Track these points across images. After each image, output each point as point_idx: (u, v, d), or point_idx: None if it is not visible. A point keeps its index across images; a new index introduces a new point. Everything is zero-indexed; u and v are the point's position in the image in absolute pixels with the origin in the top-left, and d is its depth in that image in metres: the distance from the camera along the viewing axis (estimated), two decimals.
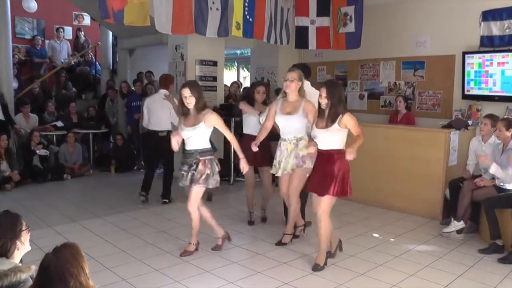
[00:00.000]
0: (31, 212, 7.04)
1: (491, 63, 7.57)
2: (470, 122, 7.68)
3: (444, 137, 7.07)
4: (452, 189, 6.60)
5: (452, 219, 6.25)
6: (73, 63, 14.87)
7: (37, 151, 9.65)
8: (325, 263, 5.08)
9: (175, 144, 5.34)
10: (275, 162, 5.69)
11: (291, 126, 5.53)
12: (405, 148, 7.39)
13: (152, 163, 8.14)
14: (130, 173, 10.60)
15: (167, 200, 7.86)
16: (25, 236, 2.89)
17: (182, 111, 5.30)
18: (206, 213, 5.57)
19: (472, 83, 7.87)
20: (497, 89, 7.56)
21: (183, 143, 5.42)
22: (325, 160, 4.94)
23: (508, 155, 5.89)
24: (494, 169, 5.87)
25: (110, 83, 13.11)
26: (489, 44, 7.70)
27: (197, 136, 5.20)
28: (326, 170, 4.89)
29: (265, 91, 6.93)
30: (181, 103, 5.23)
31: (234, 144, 5.39)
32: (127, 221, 6.81)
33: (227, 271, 5.01)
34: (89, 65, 15.11)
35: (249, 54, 12.42)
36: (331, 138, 4.88)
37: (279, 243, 5.82)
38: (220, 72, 9.90)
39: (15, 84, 12.04)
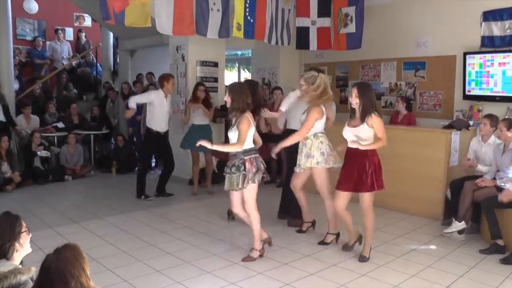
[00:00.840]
0: (32, 213, 7.05)
1: (492, 64, 7.57)
2: (471, 123, 7.66)
3: (445, 138, 7.06)
4: (453, 189, 6.57)
5: (453, 219, 6.24)
6: (74, 64, 14.87)
7: (38, 153, 9.65)
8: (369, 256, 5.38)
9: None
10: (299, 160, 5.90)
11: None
12: (406, 149, 7.38)
13: (149, 164, 8.24)
14: (131, 174, 10.52)
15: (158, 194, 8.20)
16: (25, 238, 2.89)
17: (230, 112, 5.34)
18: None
19: (473, 84, 7.87)
20: (498, 90, 7.56)
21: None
22: (355, 157, 5.16)
23: (510, 156, 5.90)
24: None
25: (108, 85, 13.08)
26: (490, 45, 7.70)
27: (236, 137, 5.17)
28: (357, 167, 5.13)
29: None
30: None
31: (230, 147, 5.26)
32: (128, 222, 6.81)
33: (228, 272, 5.00)
34: (90, 66, 15.13)
35: (250, 55, 12.42)
36: (360, 137, 5.09)
37: (322, 243, 5.96)
38: (221, 73, 9.89)
39: (16, 86, 12.06)
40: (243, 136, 5.08)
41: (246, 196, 5.23)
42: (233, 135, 5.19)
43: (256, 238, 5.36)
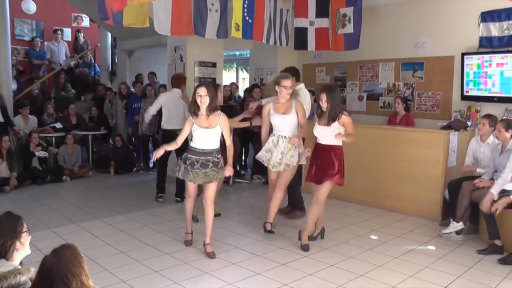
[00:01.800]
0: (30, 214, 7.03)
1: (490, 64, 7.57)
2: (469, 123, 7.68)
3: (443, 138, 7.06)
4: (451, 190, 6.57)
5: (451, 220, 6.25)
6: (72, 65, 14.85)
7: (36, 153, 9.64)
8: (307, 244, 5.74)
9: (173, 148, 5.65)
10: (271, 156, 6.12)
11: (287, 124, 6.06)
12: (404, 149, 7.39)
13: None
14: (129, 174, 10.61)
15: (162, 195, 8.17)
16: (25, 238, 2.90)
17: (193, 110, 5.41)
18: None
19: (471, 84, 7.87)
20: (496, 90, 7.56)
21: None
22: (325, 152, 5.65)
23: (508, 156, 5.90)
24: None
25: (102, 88, 13.03)
26: (488, 45, 7.70)
27: (213, 136, 5.43)
28: (326, 161, 5.61)
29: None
30: (194, 102, 5.36)
31: (230, 151, 5.56)
32: (126, 222, 6.81)
33: (226, 272, 5.01)
34: (88, 67, 15.10)
35: (248, 55, 12.41)
36: (332, 134, 5.54)
37: (268, 231, 6.20)
38: (219, 74, 9.89)
39: (14, 86, 12.03)
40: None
41: (211, 190, 5.58)
42: (214, 133, 5.45)
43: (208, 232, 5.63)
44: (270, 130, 6.26)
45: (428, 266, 5.24)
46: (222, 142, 5.58)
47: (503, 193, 5.70)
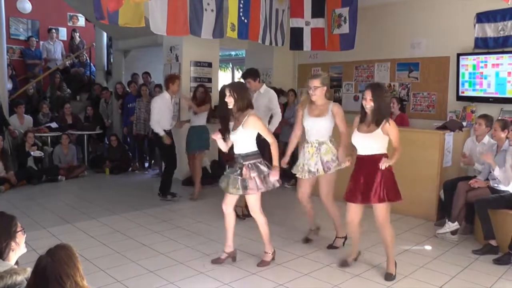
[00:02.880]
0: (25, 213, 7.02)
1: (486, 65, 7.60)
2: (464, 124, 7.70)
3: (438, 139, 7.08)
4: (447, 190, 6.60)
5: (447, 220, 6.27)
6: (67, 64, 14.82)
7: (32, 153, 9.62)
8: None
9: (222, 145, 5.21)
10: (298, 163, 5.68)
11: (317, 128, 5.51)
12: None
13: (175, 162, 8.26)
14: (124, 174, 10.60)
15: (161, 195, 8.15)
16: (20, 238, 2.88)
17: (226, 113, 5.10)
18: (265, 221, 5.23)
19: (466, 85, 7.89)
20: (491, 91, 7.59)
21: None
22: (367, 165, 4.81)
23: (503, 156, 5.92)
24: (498, 171, 5.85)
25: (97, 87, 13.03)
26: (484, 46, 7.72)
27: (240, 139, 5.01)
28: (370, 177, 4.77)
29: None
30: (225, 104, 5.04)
31: (274, 150, 5.03)
32: (121, 222, 6.80)
33: (222, 272, 5.00)
34: (84, 66, 15.08)
35: (243, 55, 12.42)
36: (373, 144, 4.80)
37: (331, 247, 5.86)
38: (215, 74, 9.90)
39: (9, 85, 12.01)
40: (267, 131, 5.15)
41: (249, 202, 5.16)
42: (240, 136, 4.99)
43: (266, 241, 5.25)
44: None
45: (423, 266, 5.25)
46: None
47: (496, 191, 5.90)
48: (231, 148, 5.17)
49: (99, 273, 4.86)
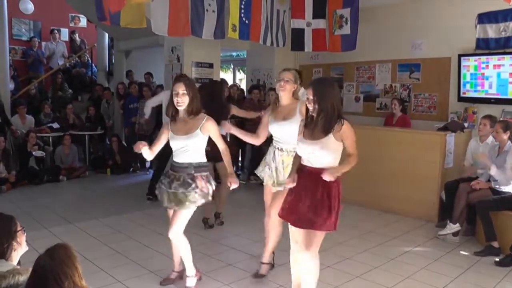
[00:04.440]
0: (27, 213, 7.03)
1: (487, 66, 7.58)
2: (466, 125, 7.69)
3: (440, 140, 7.08)
4: (448, 191, 6.59)
5: (448, 221, 6.27)
6: (68, 65, 14.83)
7: (33, 153, 9.61)
8: None
9: (147, 153, 4.39)
10: (269, 171, 4.80)
11: (287, 134, 4.57)
12: (400, 151, 7.39)
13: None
14: (125, 175, 10.60)
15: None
16: (21, 237, 2.89)
17: (169, 112, 4.44)
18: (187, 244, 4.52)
19: (468, 86, 7.87)
20: (493, 92, 7.57)
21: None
22: (314, 181, 3.72)
23: (504, 157, 5.92)
24: (494, 171, 5.87)
25: (99, 87, 13.02)
26: (485, 47, 7.70)
27: (192, 146, 4.33)
28: (316, 196, 3.72)
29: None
30: (171, 101, 4.37)
31: (226, 156, 4.49)
32: (122, 223, 6.81)
33: (223, 273, 5.00)
34: (85, 67, 15.10)
35: (245, 56, 12.41)
36: (323, 153, 3.71)
37: (256, 275, 4.99)
38: (216, 74, 9.88)
39: (11, 85, 12.04)
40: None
41: (180, 216, 4.37)
42: (193, 142, 4.37)
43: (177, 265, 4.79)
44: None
45: (424, 268, 5.24)
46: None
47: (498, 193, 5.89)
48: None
49: (100, 273, 4.86)
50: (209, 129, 4.35)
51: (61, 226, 6.56)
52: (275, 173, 4.71)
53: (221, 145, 4.46)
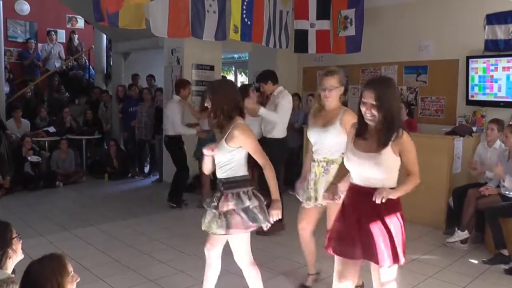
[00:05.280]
0: (22, 220, 6.98)
1: (496, 68, 7.49)
2: (474, 129, 7.60)
3: (448, 144, 7.01)
4: (456, 197, 6.50)
5: (456, 228, 6.17)
6: (64, 68, 14.75)
7: (29, 158, 9.50)
8: None
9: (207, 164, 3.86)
10: (307, 188, 4.47)
11: (323, 143, 4.36)
12: None
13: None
14: (123, 180, 10.54)
15: (174, 205, 7.93)
16: (17, 244, 2.86)
17: (212, 123, 3.86)
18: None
19: (476, 89, 7.78)
20: (502, 95, 7.48)
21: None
22: (368, 203, 3.10)
23: None
24: (508, 182, 5.73)
25: (97, 90, 12.94)
26: (494, 48, 7.62)
27: (221, 160, 3.70)
28: (370, 219, 3.16)
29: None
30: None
31: (269, 176, 3.65)
32: (120, 229, 6.75)
33: (223, 282, 4.83)
34: (83, 69, 15.06)
35: (246, 58, 12.37)
36: (376, 170, 3.11)
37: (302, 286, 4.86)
38: (217, 77, 9.80)
39: (6, 88, 11.97)
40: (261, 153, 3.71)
41: (233, 246, 3.87)
42: (223, 156, 3.68)
43: None
44: None
45: (432, 276, 5.17)
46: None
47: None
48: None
49: (97, 282, 4.82)
50: (235, 140, 3.60)
51: (57, 233, 6.51)
52: (313, 188, 4.40)
53: (261, 160, 3.70)
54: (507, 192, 5.88)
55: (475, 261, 5.66)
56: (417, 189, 6.67)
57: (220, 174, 3.73)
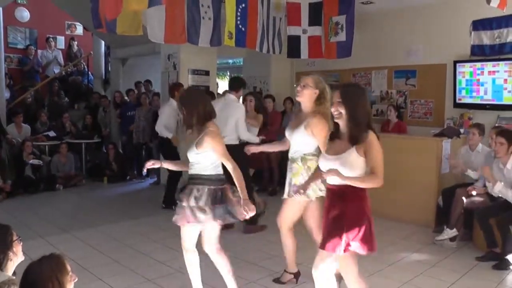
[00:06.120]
0: (23, 223, 7.00)
1: (482, 72, 7.63)
2: (462, 131, 7.70)
3: (436, 146, 7.10)
4: (445, 197, 6.61)
5: (445, 227, 6.26)
6: (63, 73, 14.83)
7: (30, 161, 9.54)
8: None
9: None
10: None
11: (291, 143, 4.58)
12: (397, 157, 7.36)
13: None
14: (122, 183, 10.57)
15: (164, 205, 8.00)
16: (17, 247, 2.88)
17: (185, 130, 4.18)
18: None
19: (463, 92, 7.92)
20: (488, 98, 7.61)
21: None
22: (336, 200, 3.44)
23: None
24: (499, 188, 5.67)
25: (96, 96, 13.02)
26: (480, 53, 7.76)
27: (192, 160, 4.08)
28: (335, 215, 3.42)
29: (252, 100, 7.26)
30: None
31: (238, 179, 3.92)
32: (119, 231, 6.78)
33: (221, 281, 4.96)
34: (82, 75, 15.10)
35: (241, 63, 12.44)
36: (343, 170, 3.32)
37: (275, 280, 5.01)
38: (212, 82, 9.90)
39: (7, 94, 12.02)
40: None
41: (208, 235, 4.26)
42: (196, 157, 4.03)
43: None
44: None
45: (422, 273, 5.23)
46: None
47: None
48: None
49: (97, 282, 4.84)
50: (203, 145, 3.91)
51: (58, 235, 6.53)
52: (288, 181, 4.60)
53: (228, 164, 3.98)
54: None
55: (464, 258, 5.72)
56: (407, 189, 6.89)
57: (190, 171, 4.10)
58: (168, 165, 4.58)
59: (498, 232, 5.56)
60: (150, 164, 4.22)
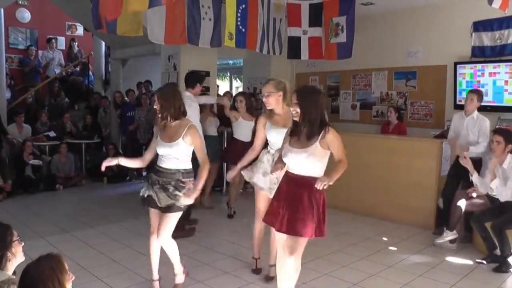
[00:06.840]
0: (23, 223, 7.00)
1: (483, 73, 7.64)
2: None
3: (436, 147, 7.10)
4: (445, 199, 6.61)
5: (445, 228, 6.26)
6: (64, 74, 14.84)
7: (31, 161, 9.55)
8: None
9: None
10: (263, 178, 4.89)
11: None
12: (397, 158, 7.40)
13: None
14: (122, 183, 10.59)
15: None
16: (17, 247, 2.88)
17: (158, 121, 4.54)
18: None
19: (464, 93, 7.81)
20: (489, 99, 7.59)
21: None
22: (298, 189, 3.83)
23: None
24: (496, 184, 5.73)
25: (96, 96, 13.02)
26: (481, 55, 7.76)
27: (176, 154, 4.37)
28: (300, 204, 3.78)
29: (242, 100, 7.55)
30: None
31: (204, 171, 4.33)
32: (119, 231, 6.79)
33: (219, 281, 4.98)
34: (82, 75, 15.10)
35: (241, 64, 12.43)
36: (310, 161, 3.77)
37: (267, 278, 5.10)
38: (213, 82, 9.89)
39: (8, 94, 12.03)
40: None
41: (171, 221, 4.45)
42: (169, 150, 4.37)
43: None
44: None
45: (422, 275, 5.23)
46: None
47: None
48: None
49: (97, 282, 4.83)
50: (189, 139, 4.35)
51: (58, 235, 6.53)
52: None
53: (201, 157, 4.42)
54: (494, 194, 5.89)
55: (464, 260, 5.73)
56: (407, 190, 6.88)
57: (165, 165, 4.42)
58: (126, 162, 4.81)
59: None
60: (108, 162, 4.63)
